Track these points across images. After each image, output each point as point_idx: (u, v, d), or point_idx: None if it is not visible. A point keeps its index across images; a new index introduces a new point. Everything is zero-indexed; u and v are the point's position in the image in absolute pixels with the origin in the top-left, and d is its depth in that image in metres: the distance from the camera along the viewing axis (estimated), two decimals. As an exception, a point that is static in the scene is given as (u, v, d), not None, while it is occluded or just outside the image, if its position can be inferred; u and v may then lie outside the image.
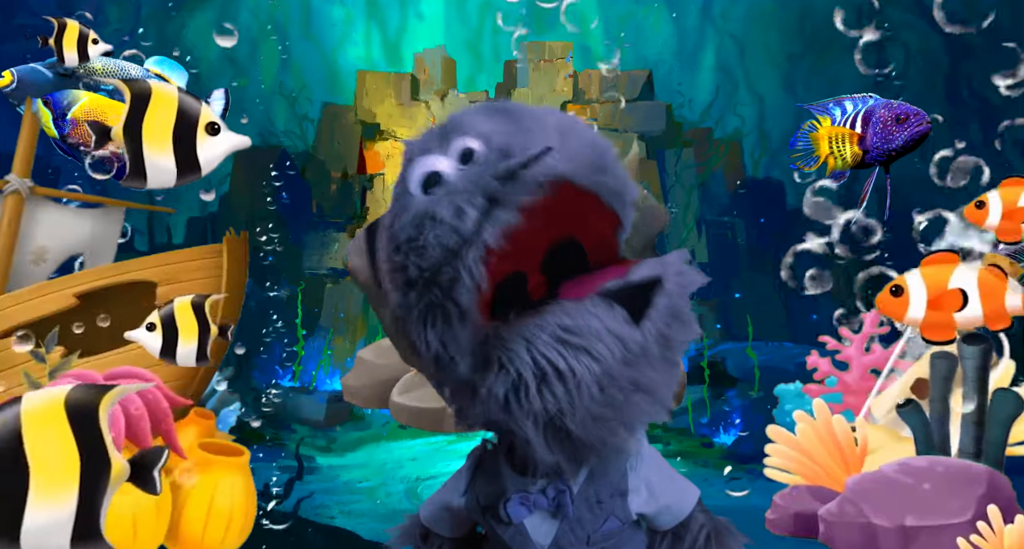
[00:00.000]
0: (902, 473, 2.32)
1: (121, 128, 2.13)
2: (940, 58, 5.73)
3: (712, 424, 5.80)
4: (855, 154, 2.56)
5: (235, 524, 2.51)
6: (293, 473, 4.67)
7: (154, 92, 2.15)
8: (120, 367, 2.48)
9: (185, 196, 6.37)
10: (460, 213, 1.25)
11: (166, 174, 2.19)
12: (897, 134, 2.50)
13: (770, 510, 2.55)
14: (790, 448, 2.66)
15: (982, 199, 2.49)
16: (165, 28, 6.03)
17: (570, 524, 1.46)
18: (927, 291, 2.24)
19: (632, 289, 1.28)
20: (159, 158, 2.17)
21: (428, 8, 6.97)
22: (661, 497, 1.50)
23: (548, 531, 1.46)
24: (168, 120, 2.15)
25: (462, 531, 1.59)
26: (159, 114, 2.15)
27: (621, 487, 1.47)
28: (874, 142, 2.52)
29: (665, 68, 6.53)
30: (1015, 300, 2.22)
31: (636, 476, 1.48)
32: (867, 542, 2.28)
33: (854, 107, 2.60)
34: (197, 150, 2.19)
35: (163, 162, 2.17)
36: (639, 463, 1.49)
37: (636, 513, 1.48)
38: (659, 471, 1.52)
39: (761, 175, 6.55)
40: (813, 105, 2.68)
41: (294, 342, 6.20)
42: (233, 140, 2.20)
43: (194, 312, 2.46)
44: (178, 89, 2.20)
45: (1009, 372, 2.66)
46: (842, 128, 2.57)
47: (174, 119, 2.16)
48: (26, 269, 3.27)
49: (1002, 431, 2.42)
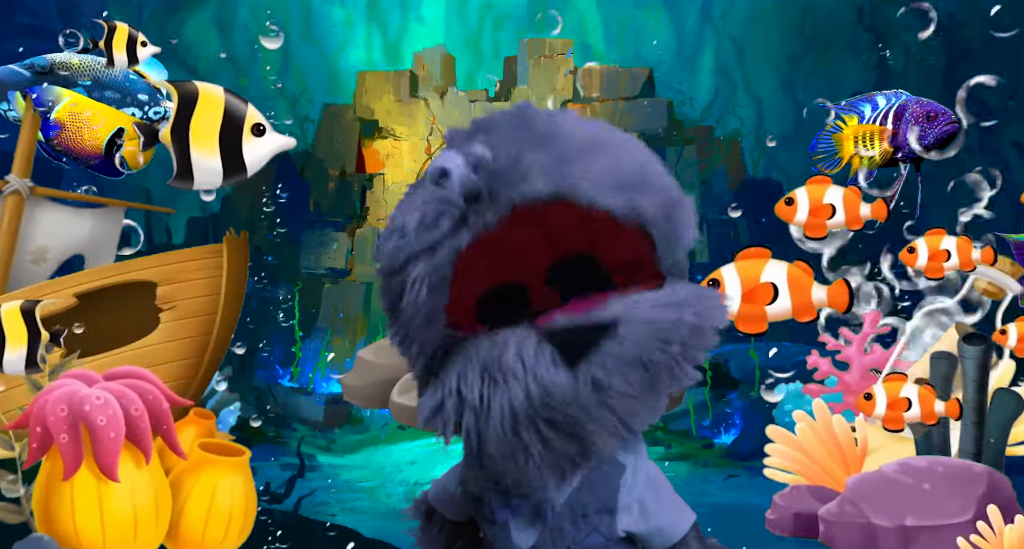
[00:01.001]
0: (902, 473, 2.33)
1: (169, 129, 2.16)
2: (939, 58, 5.73)
3: (713, 426, 5.80)
4: (885, 152, 2.55)
5: (235, 524, 2.51)
6: (295, 471, 4.68)
7: (201, 93, 2.18)
8: (120, 367, 2.48)
9: (185, 196, 6.37)
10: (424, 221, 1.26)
11: (212, 175, 2.21)
12: (928, 132, 2.50)
13: (770, 510, 2.56)
14: (790, 448, 2.66)
15: (791, 196, 2.54)
16: (166, 28, 6.03)
17: (551, 533, 1.45)
18: (741, 285, 2.28)
19: (583, 329, 1.25)
20: (205, 159, 2.20)
21: (429, 10, 6.97)
22: (653, 518, 1.48)
23: (530, 536, 1.46)
24: (215, 121, 2.17)
25: (463, 515, 1.59)
26: (206, 115, 2.18)
27: (610, 504, 1.45)
28: (906, 139, 2.51)
29: (665, 68, 6.53)
30: (820, 294, 2.30)
31: (630, 494, 1.46)
32: (867, 542, 2.28)
33: (886, 102, 2.58)
34: (243, 151, 2.21)
35: (209, 163, 2.20)
36: (636, 481, 1.47)
37: (625, 531, 1.47)
38: (656, 492, 1.50)
39: (761, 175, 6.56)
40: (840, 104, 2.66)
41: (292, 343, 6.19)
42: (278, 141, 2.23)
43: (24, 318, 2.42)
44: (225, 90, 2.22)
45: (1009, 372, 2.66)
46: (871, 125, 2.55)
47: (220, 120, 2.18)
48: (26, 269, 3.27)
49: (1002, 431, 2.42)
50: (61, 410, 2.22)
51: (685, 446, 5.65)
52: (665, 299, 1.30)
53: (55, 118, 3.09)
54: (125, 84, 3.24)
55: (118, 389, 2.29)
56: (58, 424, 2.22)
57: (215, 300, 3.26)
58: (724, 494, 4.82)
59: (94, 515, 2.29)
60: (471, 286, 1.27)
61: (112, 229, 3.39)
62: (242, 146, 2.19)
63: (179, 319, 3.24)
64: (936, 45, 5.66)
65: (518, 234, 1.26)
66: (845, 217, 2.47)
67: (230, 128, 2.18)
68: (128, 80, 3.24)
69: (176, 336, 3.24)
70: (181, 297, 3.24)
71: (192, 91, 2.17)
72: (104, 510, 2.29)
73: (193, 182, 2.22)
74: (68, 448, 2.22)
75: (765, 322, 2.30)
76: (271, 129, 2.20)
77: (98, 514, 2.29)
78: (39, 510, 2.34)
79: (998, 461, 2.43)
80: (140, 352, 3.18)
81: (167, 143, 2.19)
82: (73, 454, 2.22)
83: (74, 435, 2.22)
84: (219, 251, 3.28)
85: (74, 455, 2.22)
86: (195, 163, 2.19)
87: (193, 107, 2.17)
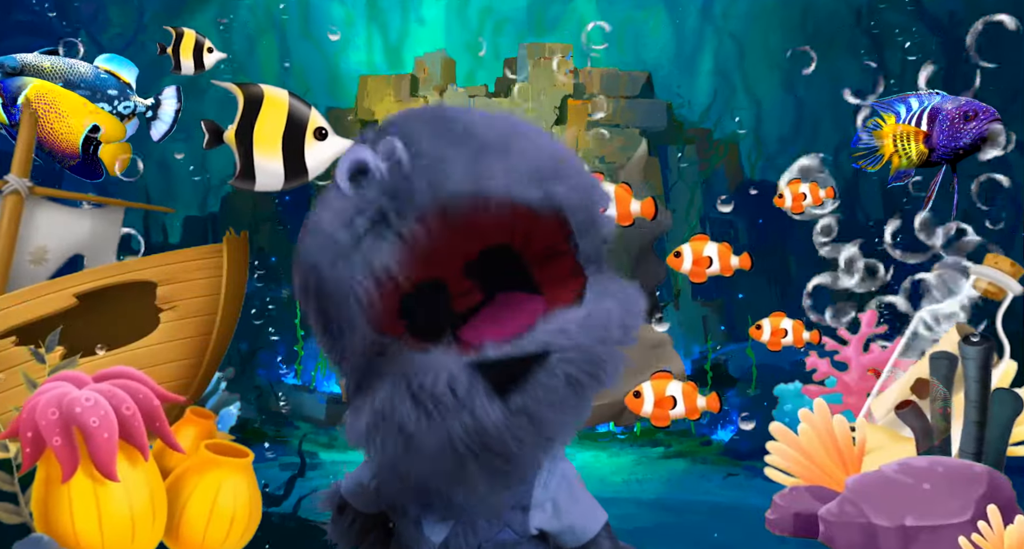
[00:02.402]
0: (902, 473, 2.32)
1: (233, 131, 2.19)
2: (937, 59, 5.73)
3: (712, 424, 5.81)
4: (921, 153, 2.53)
5: (237, 526, 2.51)
6: (295, 471, 4.67)
7: (266, 96, 2.21)
8: (111, 368, 2.47)
9: (184, 196, 6.37)
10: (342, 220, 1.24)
11: (274, 177, 2.24)
12: (964, 132, 2.48)
13: (770, 510, 2.55)
14: (790, 448, 2.66)
15: (679, 250, 3.00)
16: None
17: (463, 527, 1.46)
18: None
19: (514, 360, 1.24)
20: (268, 161, 2.23)
21: (429, 13, 6.98)
22: (565, 517, 1.49)
23: (442, 530, 1.47)
24: (278, 124, 2.20)
25: (375, 508, 1.59)
26: (270, 118, 2.21)
27: (524, 501, 1.46)
28: (940, 140, 2.49)
29: (664, 72, 6.54)
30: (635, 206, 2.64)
31: (544, 492, 1.47)
32: (867, 542, 2.27)
33: (920, 104, 2.57)
34: (305, 154, 2.24)
35: (272, 165, 2.23)
36: (551, 480, 1.48)
37: (537, 529, 1.48)
38: (570, 491, 1.50)
39: (758, 177, 6.56)
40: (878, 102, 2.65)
41: (294, 342, 6.20)
42: (340, 144, 2.26)
43: None
44: (289, 94, 2.25)
45: (1010, 372, 2.66)
46: (907, 126, 2.54)
47: (284, 123, 2.21)
48: (26, 269, 3.27)
49: (1002, 431, 2.42)
50: (52, 413, 2.21)
51: (684, 444, 5.66)
52: (593, 319, 1.29)
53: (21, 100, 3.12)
54: (96, 83, 3.26)
55: (107, 389, 2.28)
56: (50, 428, 2.20)
57: (215, 300, 3.26)
58: (723, 493, 4.82)
59: (92, 515, 2.28)
60: (392, 285, 1.25)
61: (112, 229, 3.39)
62: (304, 149, 2.22)
63: (179, 319, 3.24)
64: (935, 46, 5.66)
65: (438, 230, 1.24)
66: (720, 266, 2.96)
67: (293, 131, 2.21)
68: (99, 79, 3.26)
69: (176, 336, 3.24)
70: (181, 297, 3.23)
71: (257, 94, 2.21)
72: (102, 510, 2.28)
73: (255, 183, 2.25)
74: (62, 451, 2.21)
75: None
76: (333, 133, 2.24)
77: (96, 514, 2.28)
78: (38, 511, 2.34)
79: (998, 461, 2.43)
80: (140, 352, 3.18)
81: (231, 144, 2.22)
82: (68, 457, 2.21)
83: (67, 438, 2.21)
84: (219, 251, 3.28)
85: (69, 458, 2.21)
86: (257, 165, 2.23)
87: (258, 110, 2.20)
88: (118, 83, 3.25)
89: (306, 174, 2.24)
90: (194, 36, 2.90)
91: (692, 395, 2.63)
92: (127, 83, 3.27)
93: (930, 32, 5.83)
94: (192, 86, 6.45)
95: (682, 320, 6.26)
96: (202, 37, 2.91)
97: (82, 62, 3.24)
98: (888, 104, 2.62)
